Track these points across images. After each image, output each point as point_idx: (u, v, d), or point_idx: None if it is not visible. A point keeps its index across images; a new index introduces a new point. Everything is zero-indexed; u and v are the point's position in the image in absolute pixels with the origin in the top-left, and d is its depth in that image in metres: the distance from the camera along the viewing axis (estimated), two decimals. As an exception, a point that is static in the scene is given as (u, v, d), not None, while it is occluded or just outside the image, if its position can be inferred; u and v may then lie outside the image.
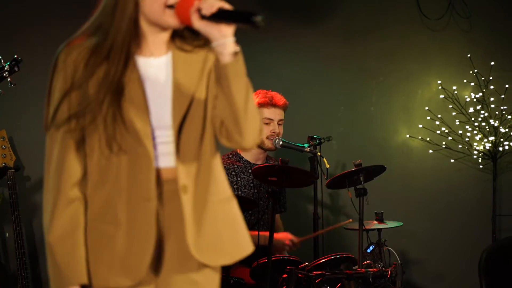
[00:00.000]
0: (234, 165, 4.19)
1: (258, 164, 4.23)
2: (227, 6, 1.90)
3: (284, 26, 5.29)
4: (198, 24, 1.90)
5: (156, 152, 1.98)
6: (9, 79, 3.83)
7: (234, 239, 2.08)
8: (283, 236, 4.20)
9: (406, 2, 5.47)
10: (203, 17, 1.90)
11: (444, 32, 5.50)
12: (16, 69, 3.84)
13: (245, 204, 3.86)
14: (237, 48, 1.92)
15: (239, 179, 4.18)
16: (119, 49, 1.93)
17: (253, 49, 5.17)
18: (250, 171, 4.21)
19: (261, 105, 4.25)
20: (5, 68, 3.82)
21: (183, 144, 1.99)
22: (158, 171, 1.98)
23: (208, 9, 1.87)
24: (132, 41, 1.96)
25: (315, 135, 4.56)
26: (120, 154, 1.94)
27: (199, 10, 1.90)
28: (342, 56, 5.44)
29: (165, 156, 1.99)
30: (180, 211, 1.97)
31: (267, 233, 3.88)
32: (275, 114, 4.29)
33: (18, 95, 4.54)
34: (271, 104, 4.27)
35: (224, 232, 2.05)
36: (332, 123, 5.39)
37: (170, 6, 1.94)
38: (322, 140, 4.55)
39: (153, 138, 1.97)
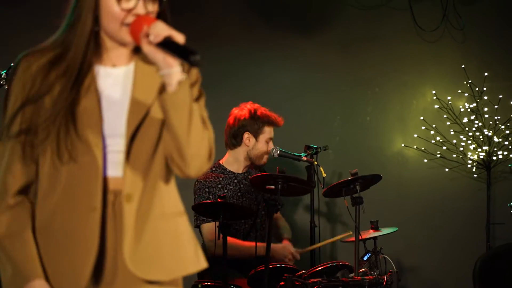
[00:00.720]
0: (219, 178, 4.24)
1: (242, 173, 4.30)
2: (176, 36, 1.85)
3: (282, 37, 5.35)
4: (146, 48, 1.87)
5: (106, 161, 1.95)
6: (6, 87, 3.85)
7: (176, 255, 2.02)
8: (282, 248, 4.24)
9: (401, 14, 5.53)
10: (151, 43, 1.86)
11: (438, 43, 5.57)
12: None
13: (242, 213, 3.92)
14: (182, 78, 1.87)
15: (226, 190, 4.22)
16: (78, 61, 1.94)
17: (252, 59, 5.24)
18: (236, 181, 4.27)
19: (266, 123, 4.31)
20: (2, 76, 3.84)
21: (134, 154, 1.96)
22: (105, 180, 1.95)
23: (155, 37, 1.84)
24: (91, 53, 1.96)
25: (312, 145, 4.63)
26: (69, 163, 1.92)
27: (147, 35, 1.87)
28: (339, 66, 5.50)
29: (114, 165, 1.96)
30: (122, 221, 1.94)
31: (264, 244, 3.94)
32: (273, 132, 4.37)
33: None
34: (274, 124, 4.35)
35: (164, 247, 2.00)
36: (328, 133, 5.44)
37: (127, 24, 1.93)
38: (319, 149, 4.62)
39: (104, 147, 1.95)
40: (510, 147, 5.38)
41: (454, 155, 5.46)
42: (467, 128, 5.42)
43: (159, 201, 2.01)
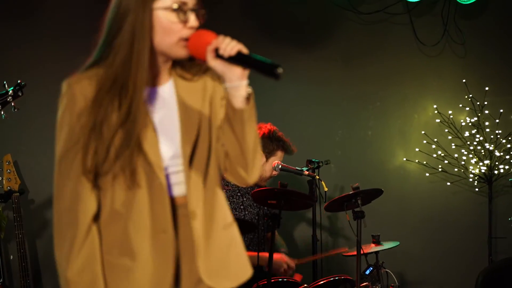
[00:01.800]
0: (223, 190, 4.26)
1: (245, 187, 4.32)
2: (245, 50, 1.89)
3: (284, 51, 5.37)
4: (213, 63, 1.90)
5: (169, 182, 1.98)
6: (12, 104, 3.88)
7: (238, 263, 2.13)
8: (279, 258, 4.26)
9: (403, 29, 5.56)
10: (219, 56, 1.89)
11: (439, 58, 5.60)
12: (20, 94, 3.88)
13: (245, 227, 3.93)
14: (250, 91, 1.94)
15: (229, 202, 4.24)
16: (141, 85, 1.92)
17: (254, 73, 5.26)
18: (239, 194, 4.29)
19: (281, 147, 4.34)
20: (9, 93, 3.86)
21: (192, 172, 2.00)
22: (172, 201, 1.98)
23: (227, 51, 1.88)
24: (146, 73, 1.94)
25: (313, 159, 4.64)
26: (134, 187, 1.94)
27: (216, 49, 1.89)
28: (340, 80, 5.52)
29: (177, 185, 1.99)
30: (191, 236, 1.99)
31: (262, 254, 3.96)
32: (283, 158, 4.41)
33: (22, 120, 4.61)
34: (288, 151, 4.38)
35: (229, 256, 2.09)
36: (330, 147, 5.45)
37: (185, 38, 1.95)
38: (321, 164, 4.63)
39: (165, 169, 1.97)
40: (511, 161, 5.39)
41: (456, 169, 5.47)
42: (468, 142, 5.44)
43: (220, 212, 2.09)
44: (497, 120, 5.40)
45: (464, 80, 5.45)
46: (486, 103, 5.42)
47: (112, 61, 1.93)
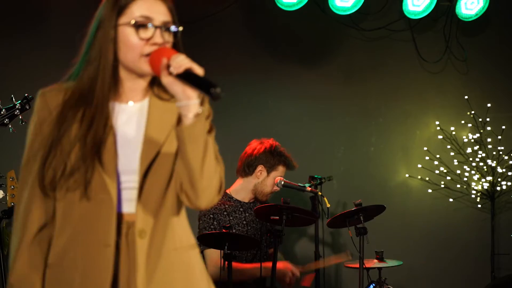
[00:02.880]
0: (225, 205, 4.26)
1: (249, 203, 4.33)
2: (197, 69, 1.85)
3: (286, 67, 5.40)
4: (166, 80, 1.87)
5: (120, 198, 1.96)
6: (20, 117, 3.90)
7: (187, 287, 2.04)
8: (283, 267, 4.24)
9: (405, 45, 5.59)
10: (170, 74, 1.86)
11: (441, 74, 5.62)
12: (27, 107, 3.91)
13: (247, 243, 3.94)
14: (199, 111, 1.87)
15: (231, 218, 4.24)
16: (99, 98, 1.94)
17: (257, 89, 5.28)
18: (241, 209, 4.29)
19: (283, 163, 4.35)
20: (17, 106, 3.89)
21: (146, 191, 1.96)
22: (119, 216, 1.96)
23: (176, 68, 1.84)
24: (110, 88, 1.96)
25: (316, 175, 4.64)
26: (85, 199, 1.94)
27: (168, 66, 1.87)
28: (343, 96, 5.54)
29: (128, 202, 1.97)
30: (135, 255, 1.95)
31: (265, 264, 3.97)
32: (284, 173, 4.41)
33: (20, 136, 4.63)
34: (289, 166, 4.38)
35: (177, 282, 2.02)
36: (332, 163, 5.46)
37: (146, 55, 1.94)
38: (323, 180, 4.64)
39: (118, 184, 1.96)
40: (514, 177, 5.41)
41: (458, 186, 5.48)
42: (470, 159, 5.45)
43: (171, 235, 2.01)
44: (499, 137, 5.42)
45: (466, 97, 5.47)
46: (488, 119, 5.44)
47: (81, 75, 1.97)
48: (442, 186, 5.49)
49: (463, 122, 5.50)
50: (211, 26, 5.04)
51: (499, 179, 5.39)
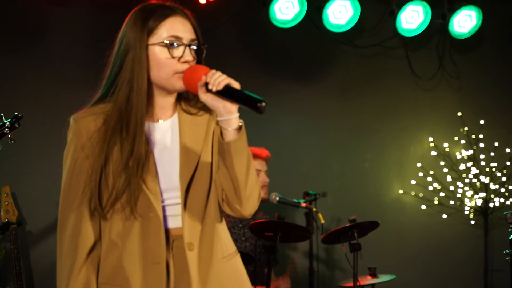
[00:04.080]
0: (225, 221, 4.27)
1: (248, 218, 4.33)
2: (234, 84, 1.92)
3: (282, 84, 5.43)
4: (204, 97, 1.94)
5: (165, 214, 2.02)
6: (9, 135, 3.90)
7: None
8: (274, 286, 4.25)
9: (399, 62, 5.63)
10: (209, 91, 1.93)
11: (435, 91, 5.66)
12: (17, 126, 3.90)
13: (243, 259, 3.95)
14: (240, 123, 1.97)
15: (230, 233, 4.25)
16: (138, 119, 1.98)
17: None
18: (240, 225, 4.31)
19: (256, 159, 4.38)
20: (6, 125, 3.89)
21: (190, 205, 2.03)
22: (167, 232, 2.02)
23: (215, 85, 1.91)
24: (145, 108, 2.01)
25: (310, 191, 4.67)
26: (132, 218, 2.00)
27: (206, 84, 1.93)
28: (338, 113, 5.56)
29: (173, 217, 2.03)
30: (187, 268, 2.01)
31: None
32: (261, 165, 4.43)
33: (20, 152, 4.64)
34: (255, 157, 4.40)
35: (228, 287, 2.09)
36: (327, 179, 5.48)
37: (180, 72, 2.00)
38: (318, 196, 4.65)
39: (162, 201, 2.01)
40: (506, 194, 5.43)
41: (452, 202, 5.50)
42: (464, 175, 5.47)
43: (218, 244, 2.10)
44: (492, 154, 5.45)
45: (459, 114, 5.50)
46: (481, 136, 5.48)
47: (116, 97, 2.01)
48: (436, 202, 5.51)
49: (456, 138, 5.54)
50: (207, 42, 5.05)
51: (492, 196, 5.42)
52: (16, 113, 3.90)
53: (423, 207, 5.52)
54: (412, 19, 5.32)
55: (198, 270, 2.02)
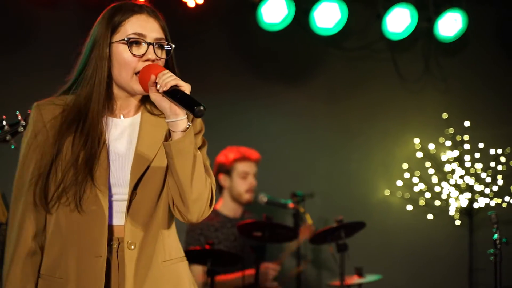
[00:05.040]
0: (213, 221, 4.30)
1: (236, 218, 4.37)
2: (183, 85, 1.89)
3: (269, 86, 5.46)
4: (154, 97, 1.93)
5: (111, 210, 2.00)
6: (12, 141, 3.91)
7: None
8: (264, 268, 4.27)
9: (385, 65, 5.67)
10: (158, 91, 1.91)
11: (421, 93, 5.72)
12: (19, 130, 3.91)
13: (231, 259, 3.99)
14: (187, 126, 1.92)
15: (219, 233, 4.29)
16: (94, 113, 1.99)
17: (241, 107, 5.33)
18: (229, 225, 4.34)
19: (236, 160, 4.40)
20: (20, 123, 3.90)
21: (136, 203, 2.01)
22: (110, 228, 2.00)
23: (162, 86, 1.89)
24: (104, 104, 2.02)
25: (298, 192, 4.71)
26: (77, 210, 1.98)
27: (156, 83, 1.92)
28: (325, 115, 5.60)
29: (119, 214, 2.01)
30: (124, 266, 1.99)
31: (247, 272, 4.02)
32: (250, 167, 4.44)
33: (9, 152, 4.64)
34: (245, 158, 4.42)
35: None
36: (314, 180, 5.51)
37: (138, 72, 2.00)
38: (305, 197, 4.69)
39: (110, 196, 2.00)
40: (491, 195, 5.50)
41: (437, 203, 5.56)
42: (449, 176, 5.54)
43: (161, 247, 2.06)
44: (477, 155, 5.52)
45: (445, 115, 5.57)
46: (466, 137, 5.54)
47: (79, 92, 2.03)
48: (421, 203, 5.57)
49: (442, 139, 5.60)
50: (195, 46, 5.10)
51: (477, 196, 5.49)
52: (20, 118, 3.91)
53: (409, 207, 5.58)
54: (398, 23, 5.37)
55: (134, 270, 2.00)
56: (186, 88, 1.90)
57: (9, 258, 2.02)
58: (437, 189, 5.55)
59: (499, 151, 5.55)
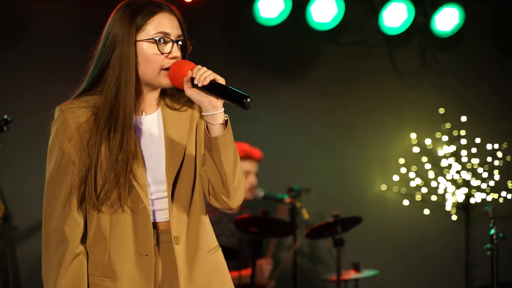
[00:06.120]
0: (211, 215, 4.30)
1: (233, 213, 4.37)
2: (220, 80, 1.96)
3: (266, 81, 5.46)
4: (190, 92, 1.98)
5: (153, 208, 2.06)
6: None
7: (222, 287, 2.17)
8: (257, 267, 4.28)
9: (381, 59, 5.67)
10: (194, 86, 1.96)
11: (417, 88, 5.72)
12: (5, 129, 3.91)
13: (227, 253, 3.99)
14: (226, 118, 2.00)
15: (216, 228, 4.29)
16: (127, 113, 2.01)
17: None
18: (227, 219, 4.34)
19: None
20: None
21: (176, 198, 2.06)
22: (154, 226, 2.05)
23: (201, 81, 1.95)
24: (134, 103, 2.04)
25: (294, 186, 4.71)
26: (119, 211, 2.02)
27: (192, 79, 1.97)
28: (321, 109, 5.60)
29: (161, 211, 2.06)
30: (174, 261, 2.04)
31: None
32: (252, 166, 4.44)
33: (6, 146, 4.64)
34: (248, 157, 4.42)
35: (213, 280, 2.13)
36: (310, 175, 5.51)
37: (166, 69, 2.04)
38: (301, 192, 4.70)
39: (150, 194, 2.04)
40: (487, 190, 5.51)
41: (434, 198, 5.56)
42: (446, 171, 5.54)
43: (204, 237, 2.13)
44: (474, 150, 5.52)
45: (442, 110, 5.57)
46: (463, 132, 5.54)
47: (106, 93, 2.03)
48: (418, 198, 5.57)
49: (438, 135, 5.60)
50: (192, 39, 5.08)
51: (473, 191, 5.49)
52: (5, 117, 3.91)
53: (406, 202, 5.58)
54: (395, 17, 5.36)
55: (185, 263, 2.05)
56: (223, 81, 1.96)
57: (55, 262, 2.00)
58: (433, 184, 5.56)
59: (496, 146, 5.56)
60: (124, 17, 2.05)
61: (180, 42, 2.08)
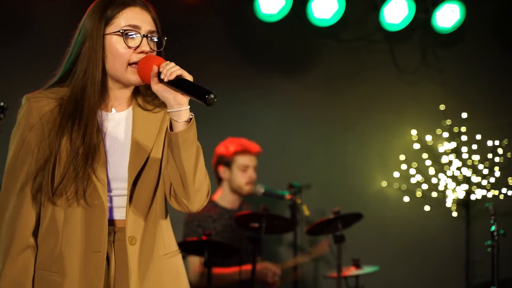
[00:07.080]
0: (211, 212, 4.30)
1: (234, 210, 4.36)
2: (187, 76, 1.91)
3: (266, 77, 5.46)
4: (156, 87, 1.94)
5: (111, 204, 2.01)
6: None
7: None
8: (262, 267, 4.27)
9: (382, 56, 5.67)
10: (161, 81, 1.92)
11: (418, 85, 5.71)
12: (2, 117, 3.90)
13: (227, 250, 3.99)
14: (191, 116, 1.95)
15: (217, 225, 4.29)
16: (90, 107, 1.98)
17: (237, 98, 5.33)
18: (227, 216, 4.33)
19: (237, 153, 4.38)
20: None
21: (136, 198, 2.02)
22: (110, 223, 2.00)
23: (167, 76, 1.90)
24: (99, 97, 2.01)
25: (295, 183, 4.71)
26: (74, 205, 1.97)
27: (158, 74, 1.93)
28: (321, 106, 5.60)
29: (118, 209, 2.02)
30: (127, 261, 1.99)
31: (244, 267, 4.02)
32: (250, 160, 4.43)
33: (5, 142, 4.63)
34: (245, 151, 4.41)
35: (166, 284, 2.08)
36: (311, 171, 5.51)
37: (133, 64, 2.00)
38: (302, 188, 4.70)
39: (109, 191, 2.00)
40: (488, 186, 5.50)
41: (434, 194, 5.56)
42: (446, 168, 5.54)
43: (161, 241, 2.08)
44: (475, 146, 5.52)
45: (442, 106, 5.56)
46: (464, 129, 5.54)
47: (73, 86, 2.01)
48: (419, 194, 5.57)
49: (439, 131, 5.60)
50: (191, 36, 5.09)
51: (474, 188, 5.49)
52: (1, 104, 3.90)
53: (406, 199, 5.58)
54: (395, 14, 5.36)
55: (138, 264, 2.00)
56: (190, 77, 1.92)
57: (2, 254, 1.98)
58: (434, 180, 5.56)
59: (497, 142, 5.55)
60: (95, 10, 2.04)
61: (155, 39, 2.04)
